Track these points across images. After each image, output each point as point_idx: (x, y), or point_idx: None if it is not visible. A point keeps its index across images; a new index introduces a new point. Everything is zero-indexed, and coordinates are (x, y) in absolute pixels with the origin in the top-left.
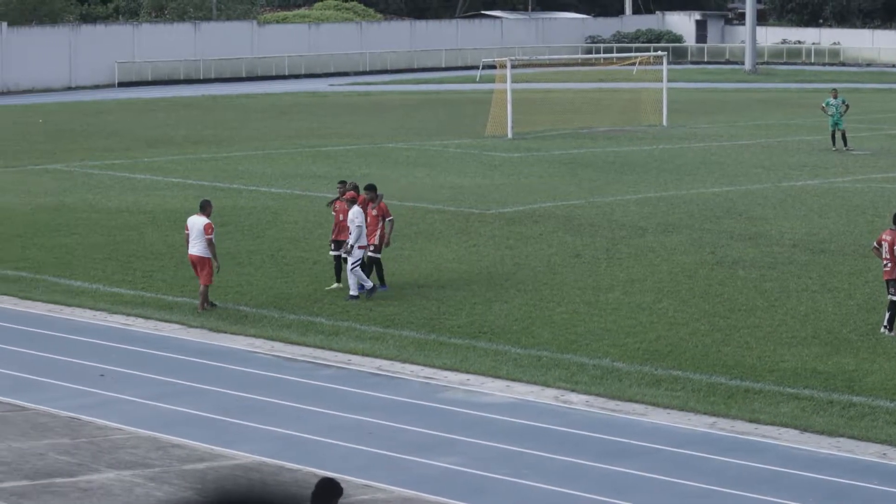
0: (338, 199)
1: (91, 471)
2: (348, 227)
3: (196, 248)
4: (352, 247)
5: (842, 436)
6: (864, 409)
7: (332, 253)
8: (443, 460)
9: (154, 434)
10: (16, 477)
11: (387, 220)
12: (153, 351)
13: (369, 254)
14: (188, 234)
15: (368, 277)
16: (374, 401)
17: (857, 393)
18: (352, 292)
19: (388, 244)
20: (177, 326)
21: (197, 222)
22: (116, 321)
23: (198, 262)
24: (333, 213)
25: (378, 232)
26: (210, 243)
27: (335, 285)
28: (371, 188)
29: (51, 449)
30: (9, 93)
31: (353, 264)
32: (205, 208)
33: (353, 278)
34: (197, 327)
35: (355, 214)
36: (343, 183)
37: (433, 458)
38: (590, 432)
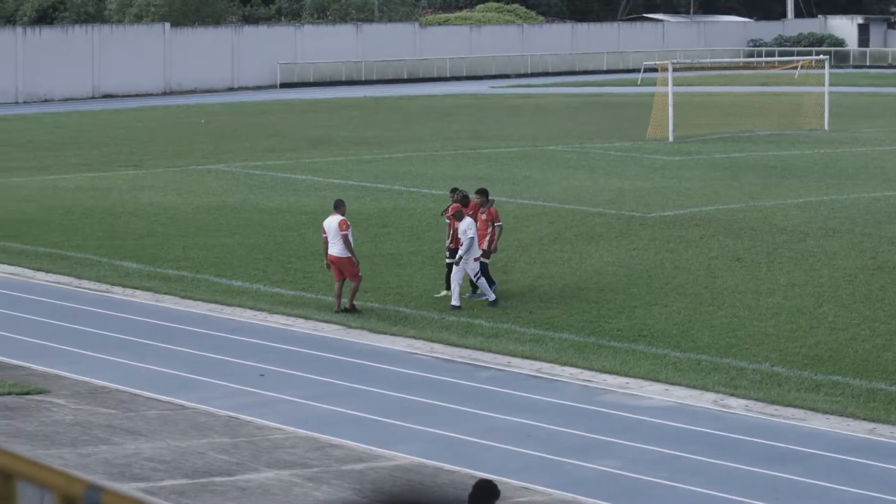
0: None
1: (250, 470)
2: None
3: (335, 248)
4: (460, 258)
5: None
6: None
7: (447, 261)
8: (601, 463)
9: (313, 434)
10: (176, 475)
11: (495, 224)
12: (313, 351)
13: (483, 259)
14: (326, 237)
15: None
16: (533, 403)
17: None
18: (453, 302)
19: (494, 250)
20: (336, 327)
21: (332, 222)
22: (276, 321)
23: (338, 263)
24: (448, 220)
25: (487, 237)
26: (346, 240)
27: (443, 293)
28: (482, 192)
29: (210, 448)
30: (172, 93)
31: (475, 276)
32: (339, 207)
33: (458, 288)
34: (357, 328)
35: (467, 226)
36: (455, 190)
37: (591, 461)
38: (748, 437)
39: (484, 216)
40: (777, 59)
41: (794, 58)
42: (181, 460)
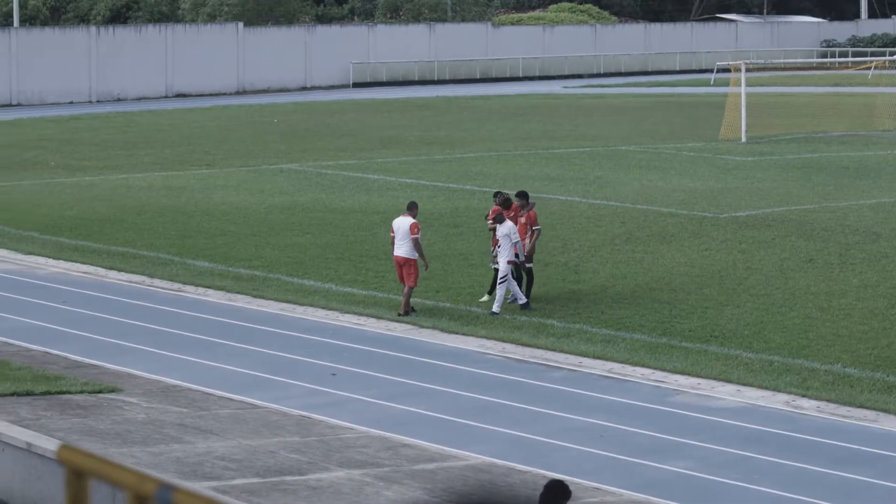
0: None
1: (321, 469)
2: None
3: (402, 249)
4: (526, 258)
5: None
6: None
7: (493, 266)
8: (672, 464)
9: (384, 434)
10: (247, 474)
11: (533, 228)
12: (385, 351)
13: (526, 265)
14: (394, 236)
15: (520, 289)
16: (605, 403)
17: None
18: (495, 308)
19: (530, 254)
20: (409, 327)
21: (403, 223)
22: (348, 321)
23: (403, 264)
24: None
25: (526, 240)
26: (416, 243)
27: (485, 298)
28: (523, 195)
29: (282, 447)
30: (245, 92)
31: (501, 278)
32: (412, 209)
33: (501, 293)
34: (429, 328)
35: (508, 229)
36: (498, 194)
37: (663, 462)
38: (820, 438)
39: (523, 219)
40: (850, 59)
41: (868, 58)
42: (252, 459)
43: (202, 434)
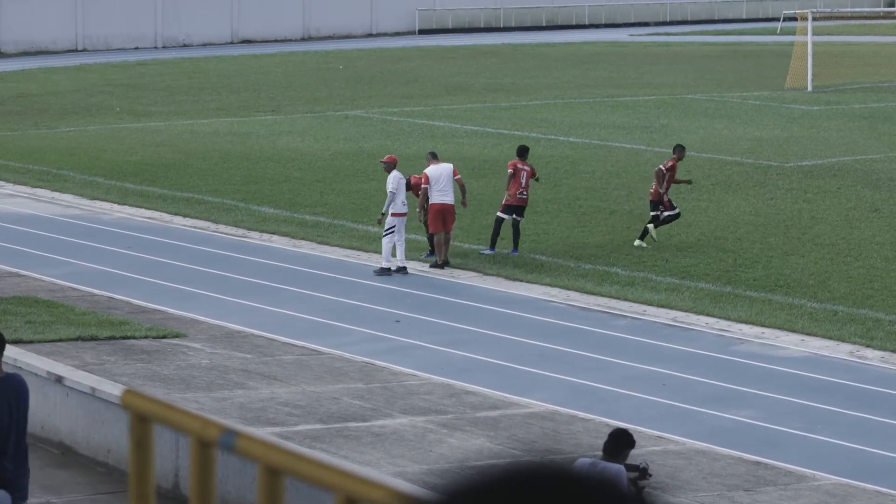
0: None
1: (384, 416)
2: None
3: (448, 196)
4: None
5: None
6: None
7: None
8: (735, 413)
9: (447, 381)
10: (310, 420)
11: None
12: (449, 298)
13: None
14: (427, 186)
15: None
16: (669, 352)
17: None
18: (384, 264)
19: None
20: (473, 274)
21: (444, 169)
22: (413, 268)
23: (450, 211)
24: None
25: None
26: (463, 186)
27: (637, 242)
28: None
29: (345, 393)
30: (310, 39)
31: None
32: (437, 157)
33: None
34: (493, 275)
35: (390, 181)
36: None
37: (726, 411)
38: (884, 388)
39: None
40: None
41: None
42: (316, 405)
43: (266, 380)
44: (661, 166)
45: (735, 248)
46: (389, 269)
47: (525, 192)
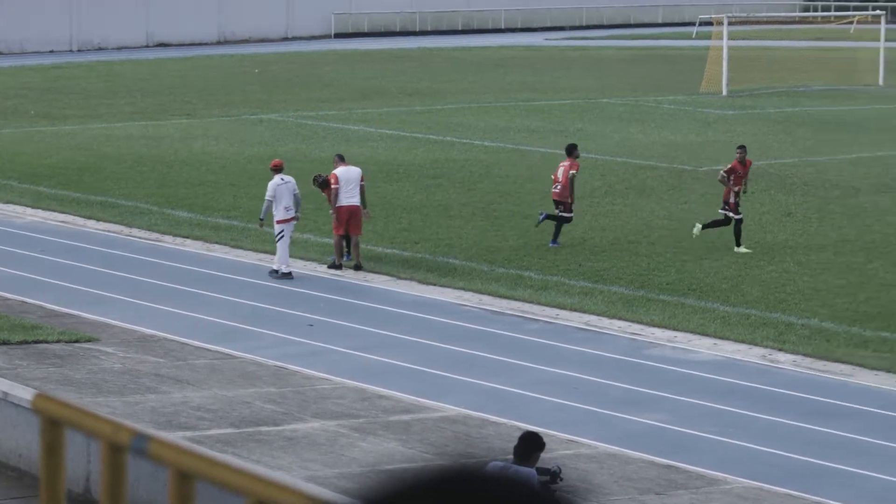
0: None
1: (296, 420)
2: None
3: (354, 198)
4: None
5: None
6: None
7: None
8: (648, 417)
9: (360, 385)
10: (222, 424)
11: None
12: (361, 302)
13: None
14: (337, 187)
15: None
16: (581, 356)
17: None
18: (275, 266)
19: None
20: (386, 278)
21: (352, 172)
22: (325, 271)
23: (356, 213)
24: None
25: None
26: (363, 190)
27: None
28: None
29: (257, 398)
30: (226, 42)
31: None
32: (343, 159)
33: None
34: (406, 279)
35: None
36: (741, 148)
37: (638, 415)
38: (796, 392)
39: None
40: (833, 13)
41: (850, 13)
42: (228, 409)
43: (178, 384)
44: (721, 171)
45: (648, 252)
46: (290, 273)
47: (557, 186)
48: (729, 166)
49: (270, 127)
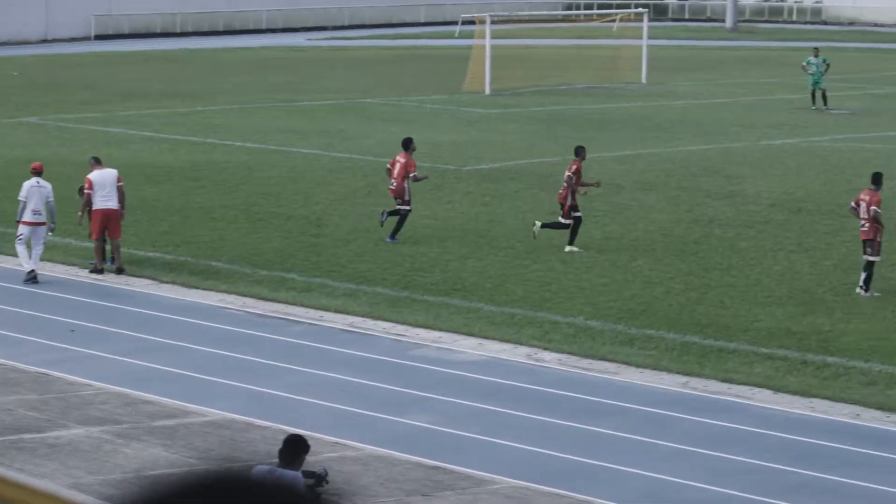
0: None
1: (59, 427)
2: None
3: (111, 201)
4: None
5: (815, 396)
6: (838, 370)
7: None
8: (414, 418)
9: (124, 390)
10: None
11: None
12: (124, 306)
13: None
14: (91, 192)
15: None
16: (346, 358)
17: (831, 354)
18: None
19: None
20: (148, 281)
21: (108, 175)
22: (87, 276)
23: (113, 217)
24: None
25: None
26: (122, 193)
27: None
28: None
29: (19, 405)
30: None
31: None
32: (100, 162)
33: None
34: (168, 283)
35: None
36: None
37: (405, 416)
38: (562, 391)
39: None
40: (596, 11)
41: (613, 11)
42: None
43: None
44: (567, 172)
45: (412, 252)
46: (34, 272)
47: (394, 182)
48: (575, 167)
49: (30, 130)
